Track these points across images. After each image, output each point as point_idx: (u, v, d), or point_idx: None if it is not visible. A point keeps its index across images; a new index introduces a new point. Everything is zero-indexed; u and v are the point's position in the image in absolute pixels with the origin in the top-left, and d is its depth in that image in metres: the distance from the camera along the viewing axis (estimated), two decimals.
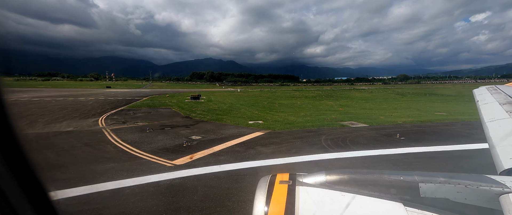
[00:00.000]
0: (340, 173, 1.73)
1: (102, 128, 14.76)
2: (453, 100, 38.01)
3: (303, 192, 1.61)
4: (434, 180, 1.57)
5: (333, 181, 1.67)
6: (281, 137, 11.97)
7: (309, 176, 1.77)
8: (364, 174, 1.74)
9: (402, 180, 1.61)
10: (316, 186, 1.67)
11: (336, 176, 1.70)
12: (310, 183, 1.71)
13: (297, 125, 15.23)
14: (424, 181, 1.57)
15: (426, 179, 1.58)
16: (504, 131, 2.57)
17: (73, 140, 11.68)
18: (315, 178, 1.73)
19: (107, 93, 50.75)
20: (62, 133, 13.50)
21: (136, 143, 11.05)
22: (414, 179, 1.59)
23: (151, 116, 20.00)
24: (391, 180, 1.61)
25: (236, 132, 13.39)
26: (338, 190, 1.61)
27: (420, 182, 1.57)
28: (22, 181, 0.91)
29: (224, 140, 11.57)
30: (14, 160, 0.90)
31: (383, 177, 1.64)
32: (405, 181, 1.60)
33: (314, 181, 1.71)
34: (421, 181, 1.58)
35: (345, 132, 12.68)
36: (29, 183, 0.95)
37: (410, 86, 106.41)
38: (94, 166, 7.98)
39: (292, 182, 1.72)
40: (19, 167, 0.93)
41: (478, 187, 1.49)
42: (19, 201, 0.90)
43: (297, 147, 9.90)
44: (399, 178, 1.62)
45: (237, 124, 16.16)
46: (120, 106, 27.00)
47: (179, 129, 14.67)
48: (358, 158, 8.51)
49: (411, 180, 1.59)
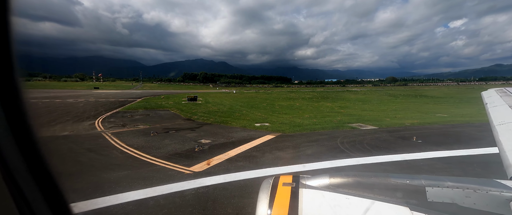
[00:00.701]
0: (344, 175, 1.72)
1: (101, 132, 13.98)
2: (444, 102, 39.28)
3: (307, 195, 1.59)
4: (441, 184, 1.53)
5: (338, 184, 1.65)
6: (294, 140, 11.70)
7: (313, 179, 1.76)
8: (369, 177, 1.70)
9: (408, 183, 1.58)
10: (320, 189, 1.65)
11: (340, 178, 1.68)
12: (314, 185, 1.69)
13: (306, 127, 15.04)
14: (431, 185, 1.54)
15: (433, 183, 1.55)
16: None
17: (73, 145, 10.92)
18: (319, 181, 1.71)
19: (97, 94, 48.88)
20: (59, 137, 12.64)
21: (144, 148, 10.46)
22: (420, 183, 1.57)
23: (151, 119, 19.25)
24: (397, 184, 1.59)
25: (246, 135, 13.02)
26: (342, 193, 1.58)
27: (427, 186, 1.55)
28: (39, 180, 0.95)
29: (236, 143, 11.18)
30: (32, 159, 0.94)
31: (389, 180, 1.61)
32: (411, 184, 1.57)
33: (318, 184, 1.69)
34: (428, 185, 1.55)
35: (358, 135, 12.57)
36: (46, 182, 0.99)
37: (398, 88, 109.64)
38: (105, 174, 7.39)
39: (295, 184, 1.70)
40: (37, 166, 0.96)
41: (487, 192, 1.45)
42: (36, 199, 0.94)
43: (317, 152, 9.64)
44: (405, 181, 1.59)
45: (243, 126, 15.78)
46: (115, 108, 25.93)
47: (185, 132, 14.13)
48: (385, 163, 8.24)
49: (417, 184, 1.56)
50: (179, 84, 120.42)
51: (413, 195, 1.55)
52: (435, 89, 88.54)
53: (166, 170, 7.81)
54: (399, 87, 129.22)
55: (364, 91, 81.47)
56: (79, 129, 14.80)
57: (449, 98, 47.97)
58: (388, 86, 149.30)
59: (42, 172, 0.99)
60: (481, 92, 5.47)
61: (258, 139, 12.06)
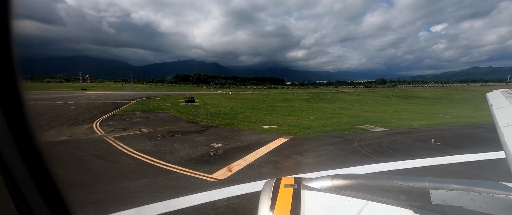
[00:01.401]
0: (347, 177, 1.71)
1: (102, 136, 13.23)
2: (437, 103, 40.35)
3: (309, 196, 1.59)
4: (446, 187, 1.52)
5: (340, 186, 1.65)
6: (310, 143, 11.45)
7: (315, 180, 1.76)
8: (372, 178, 1.69)
9: (411, 186, 1.57)
10: (322, 191, 1.65)
11: (342, 180, 1.68)
12: (316, 187, 1.69)
13: (316, 129, 14.85)
14: (435, 187, 1.53)
15: (437, 185, 1.54)
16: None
17: (76, 151, 10.20)
18: (321, 182, 1.71)
19: (87, 96, 47.02)
20: (58, 143, 11.84)
21: (155, 153, 9.91)
22: (424, 185, 1.55)
23: (152, 121, 18.54)
24: (400, 186, 1.57)
25: (257, 138, 12.67)
26: (345, 195, 1.59)
27: (431, 188, 1.53)
28: (39, 182, 0.96)
29: (251, 147, 10.80)
30: (32, 161, 0.95)
31: (392, 183, 1.60)
32: (415, 187, 1.56)
33: (320, 185, 1.69)
34: (432, 187, 1.53)
35: (373, 137, 12.45)
36: (46, 184, 0.99)
37: (389, 90, 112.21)
38: (122, 183, 6.85)
39: (297, 186, 1.70)
40: (37, 168, 0.97)
41: (493, 195, 1.44)
42: (36, 201, 0.95)
43: (337, 156, 9.40)
44: (409, 183, 1.58)
45: (251, 129, 15.41)
46: (110, 110, 24.89)
47: (192, 135, 13.61)
48: (417, 169, 7.87)
49: (421, 186, 1.55)
50: (172, 86, 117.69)
51: (416, 197, 1.54)
52: (423, 90, 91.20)
53: (187, 178, 7.35)
54: (389, 88, 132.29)
55: (357, 93, 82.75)
56: (77, 133, 13.96)
57: (439, 99, 49.47)
58: (378, 87, 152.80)
59: (42, 174, 1.00)
60: (486, 93, 5.40)
61: (271, 142, 11.74)
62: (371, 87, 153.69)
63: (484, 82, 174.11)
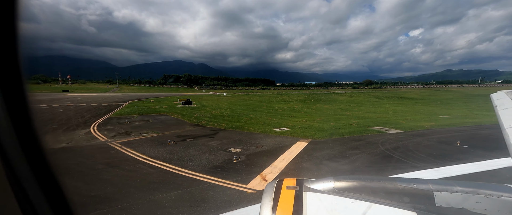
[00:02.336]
0: (349, 179, 1.71)
1: (106, 142, 12.25)
2: (428, 103, 41.64)
3: (311, 198, 1.59)
4: (450, 189, 1.51)
5: (342, 188, 1.65)
6: (333, 147, 11.10)
7: (317, 182, 1.75)
8: (375, 181, 1.67)
9: (415, 188, 1.56)
10: (325, 193, 1.65)
11: (345, 182, 1.68)
12: (318, 189, 1.69)
13: (330, 132, 14.62)
14: (439, 189, 1.52)
15: (441, 187, 1.53)
16: None
17: (84, 160, 9.26)
18: (323, 184, 1.71)
19: (72, 98, 44.37)
20: (58, 150, 10.78)
21: (173, 160, 9.20)
22: (428, 187, 1.54)
23: (154, 125, 17.57)
24: (404, 188, 1.57)
25: (274, 142, 12.20)
26: (347, 197, 1.58)
27: (435, 191, 1.52)
28: (42, 182, 0.98)
29: (273, 153, 10.32)
30: (36, 162, 0.97)
31: (395, 185, 1.60)
32: (419, 189, 1.55)
33: (322, 187, 1.69)
34: (436, 189, 1.52)
35: (395, 140, 12.19)
36: (48, 182, 1.02)
37: (377, 91, 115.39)
38: (152, 195, 6.16)
39: (299, 188, 1.70)
40: (40, 168, 0.99)
41: (499, 198, 1.41)
42: (40, 201, 0.97)
43: (371, 161, 8.98)
44: (412, 186, 1.57)
45: (264, 132, 14.93)
46: (103, 114, 23.48)
47: (204, 140, 12.92)
48: (470, 175, 7.66)
49: (425, 188, 1.54)
50: (161, 87, 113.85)
51: (420, 199, 1.52)
52: (408, 91, 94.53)
53: (222, 189, 6.76)
54: (376, 89, 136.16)
55: (349, 94, 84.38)
56: (76, 139, 12.85)
57: (428, 100, 51.41)
58: (366, 88, 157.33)
59: (46, 174, 1.02)
60: (490, 94, 5.34)
61: (292, 146, 11.31)
62: (359, 88, 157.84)
63: (458, 83, 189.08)
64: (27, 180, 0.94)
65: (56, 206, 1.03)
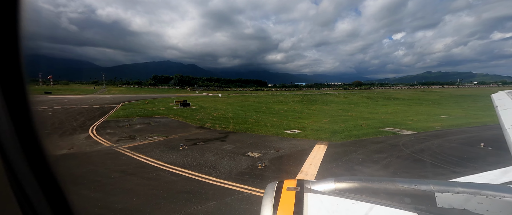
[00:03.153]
0: (350, 180, 1.70)
1: (112, 147, 11.49)
2: (421, 104, 42.74)
3: (311, 199, 1.60)
4: (451, 190, 1.51)
5: (343, 189, 1.65)
6: (356, 150, 10.64)
7: (318, 183, 1.75)
8: (376, 181, 1.67)
9: (416, 188, 1.56)
10: (325, 194, 1.65)
11: (346, 183, 1.68)
12: (318, 190, 1.69)
13: (344, 133, 14.42)
14: (440, 190, 1.52)
15: (442, 188, 1.53)
16: None
17: (95, 167, 8.54)
18: (324, 185, 1.71)
19: (58, 100, 42.17)
20: (61, 157, 9.97)
21: (192, 166, 8.66)
22: (429, 188, 1.54)
23: (157, 128, 16.81)
24: (405, 189, 1.57)
25: (291, 145, 11.86)
26: (348, 198, 1.58)
27: (436, 191, 1.52)
28: (41, 181, 0.98)
29: (296, 157, 9.95)
30: (36, 162, 0.98)
31: (396, 185, 1.60)
32: (419, 189, 1.55)
33: (323, 189, 1.69)
34: (437, 190, 1.52)
35: (415, 142, 12.08)
36: (48, 182, 1.02)
37: (367, 91, 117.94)
38: (187, 207, 5.64)
39: (299, 189, 1.71)
40: (41, 169, 1.00)
41: (501, 198, 1.41)
42: (39, 201, 0.97)
43: (406, 166, 8.54)
44: (413, 186, 1.57)
45: (276, 134, 14.57)
46: (97, 116, 22.34)
47: (216, 143, 12.40)
48: None
49: (426, 189, 1.54)
50: (152, 88, 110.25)
51: (422, 200, 1.52)
52: (396, 92, 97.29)
53: (259, 199, 6.32)
54: (365, 90, 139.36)
55: (343, 94, 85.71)
56: (78, 145, 11.97)
57: (417, 100, 53.07)
58: (356, 89, 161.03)
59: (46, 175, 1.02)
60: (491, 94, 5.37)
61: (313, 150, 10.93)
62: (349, 89, 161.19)
63: (440, 84, 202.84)
64: (28, 180, 0.94)
65: (57, 207, 1.04)
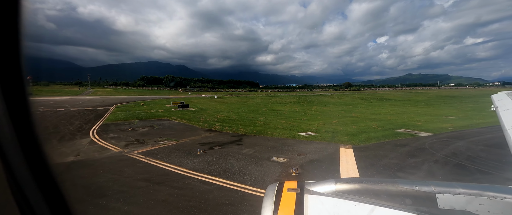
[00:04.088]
0: (351, 181, 1.69)
1: (123, 153, 10.75)
2: (415, 104, 43.92)
3: (312, 201, 1.59)
4: (452, 191, 1.51)
5: (344, 190, 1.64)
6: (387, 155, 10.25)
7: (318, 185, 1.74)
8: (377, 183, 1.66)
9: (417, 190, 1.56)
10: (326, 195, 1.64)
11: (346, 185, 1.67)
12: (319, 191, 1.68)
13: (361, 136, 14.24)
14: (441, 191, 1.52)
15: (444, 189, 1.53)
16: None
17: (114, 176, 7.83)
18: (325, 187, 1.70)
19: (44, 103, 39.82)
20: (70, 165, 9.13)
21: (220, 173, 8.15)
22: (431, 189, 1.54)
23: (163, 132, 16.04)
24: (406, 190, 1.57)
25: (313, 149, 11.43)
26: (349, 200, 1.58)
27: (437, 193, 1.52)
28: (40, 181, 0.99)
29: (326, 162, 9.46)
30: (34, 161, 0.98)
31: (398, 187, 1.60)
32: (421, 191, 1.55)
33: (323, 190, 1.68)
34: (438, 191, 1.52)
35: (441, 144, 11.91)
36: (47, 183, 1.03)
37: (358, 93, 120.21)
38: None
39: (300, 190, 1.70)
40: (39, 168, 1.00)
41: (502, 199, 1.42)
42: (38, 203, 0.97)
43: (451, 173, 8.15)
44: (414, 188, 1.57)
45: (291, 137, 14.21)
46: (94, 120, 21.16)
47: (233, 147, 11.89)
48: None
49: (427, 190, 1.55)
50: (141, 89, 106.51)
51: (423, 202, 1.51)
52: (386, 93, 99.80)
53: None
54: (355, 91, 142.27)
55: (336, 95, 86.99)
56: (83, 151, 11.10)
57: (409, 101, 54.70)
58: (346, 90, 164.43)
59: (45, 176, 1.02)
60: (491, 95, 5.47)
61: (340, 154, 10.39)
62: (340, 90, 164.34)
63: (422, 86, 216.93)
64: (27, 182, 0.93)
65: (55, 207, 1.02)
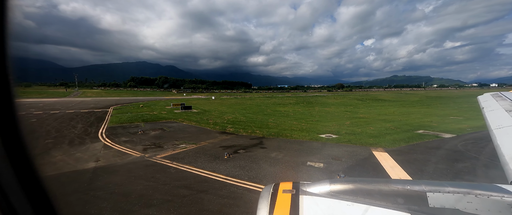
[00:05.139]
0: (345, 182, 1.73)
1: (145, 157, 10.24)
2: (414, 105, 45.06)
3: (307, 202, 1.62)
4: (442, 190, 1.57)
5: (338, 191, 1.68)
6: (429, 158, 10.01)
7: (313, 185, 1.77)
8: (370, 183, 1.71)
9: (409, 189, 1.61)
10: (321, 196, 1.67)
11: (341, 185, 1.71)
12: (314, 192, 1.71)
13: (385, 138, 14.03)
14: (432, 190, 1.58)
15: (434, 188, 1.58)
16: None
17: (149, 183, 7.33)
18: (319, 187, 1.73)
19: (34, 105, 37.96)
20: (95, 170, 8.51)
21: (261, 180, 7.82)
22: (421, 188, 1.60)
23: (176, 134, 15.48)
24: (398, 189, 1.62)
25: (345, 153, 11.07)
26: (343, 200, 1.62)
27: (428, 192, 1.57)
28: (24, 183, 0.97)
29: (367, 167, 9.19)
30: (19, 162, 0.97)
31: (390, 186, 1.64)
32: (412, 190, 1.60)
33: (318, 191, 1.72)
34: (429, 190, 1.58)
35: (475, 147, 11.84)
36: (31, 184, 1.01)
37: (351, 93, 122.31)
38: None
39: (295, 191, 1.73)
40: (23, 169, 0.99)
41: (489, 197, 1.48)
42: (21, 203, 0.95)
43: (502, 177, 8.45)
44: (406, 187, 1.62)
45: (314, 139, 13.92)
46: (97, 123, 20.30)
47: (258, 150, 11.53)
48: None
49: (418, 189, 1.60)
50: (133, 91, 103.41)
51: (414, 200, 1.57)
52: (379, 94, 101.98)
53: None
54: (348, 92, 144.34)
55: (334, 96, 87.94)
56: (101, 156, 10.49)
57: (404, 101, 56.26)
58: (339, 91, 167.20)
59: (30, 178, 1.01)
60: (477, 96, 5.62)
61: (379, 159, 10.09)
62: (333, 91, 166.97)
63: (409, 87, 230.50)
64: (10, 184, 0.92)
65: (39, 208, 1.02)
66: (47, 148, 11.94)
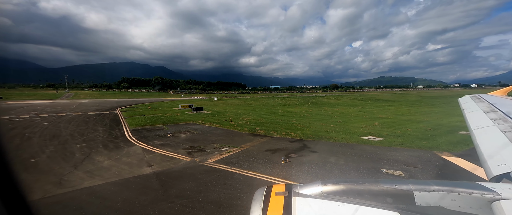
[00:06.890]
0: (336, 183, 1.78)
1: (197, 162, 9.74)
2: (413, 105, 45.99)
3: (300, 203, 1.66)
4: (428, 188, 1.63)
5: (330, 192, 1.73)
6: None
7: (306, 187, 1.82)
8: (360, 183, 1.77)
9: (397, 188, 1.66)
10: (313, 197, 1.72)
11: (332, 186, 1.76)
12: (307, 194, 1.76)
13: (434, 140, 13.76)
14: (418, 189, 1.64)
15: (420, 187, 1.65)
16: (490, 139, 2.80)
17: (229, 191, 6.86)
18: (312, 189, 1.78)
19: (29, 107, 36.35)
20: (158, 176, 7.99)
21: None
22: (409, 188, 1.66)
23: (208, 137, 14.97)
24: (386, 189, 1.67)
25: (414, 158, 10.45)
26: (335, 201, 1.66)
27: (414, 190, 1.63)
28: None
29: (444, 175, 8.75)
30: None
31: (379, 186, 1.69)
32: (400, 189, 1.66)
33: (311, 192, 1.76)
34: (415, 189, 1.64)
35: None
36: (5, 186, 0.99)
37: (346, 94, 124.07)
38: None
39: (288, 193, 1.77)
40: None
41: (470, 194, 1.55)
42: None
43: None
44: (394, 186, 1.67)
45: (362, 142, 13.39)
46: (115, 125, 19.61)
47: (310, 155, 11.10)
48: None
49: (406, 189, 1.66)
50: (128, 92, 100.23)
51: (402, 199, 1.62)
52: (375, 94, 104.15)
53: None
54: (343, 93, 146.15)
55: (334, 97, 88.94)
56: (147, 160, 9.90)
57: (402, 101, 57.38)
58: (334, 91, 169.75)
59: None
60: (458, 98, 5.90)
61: (460, 165, 9.65)
62: (328, 91, 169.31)
63: (398, 88, 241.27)
64: None
65: (13, 209, 0.98)
66: (85, 152, 11.21)
